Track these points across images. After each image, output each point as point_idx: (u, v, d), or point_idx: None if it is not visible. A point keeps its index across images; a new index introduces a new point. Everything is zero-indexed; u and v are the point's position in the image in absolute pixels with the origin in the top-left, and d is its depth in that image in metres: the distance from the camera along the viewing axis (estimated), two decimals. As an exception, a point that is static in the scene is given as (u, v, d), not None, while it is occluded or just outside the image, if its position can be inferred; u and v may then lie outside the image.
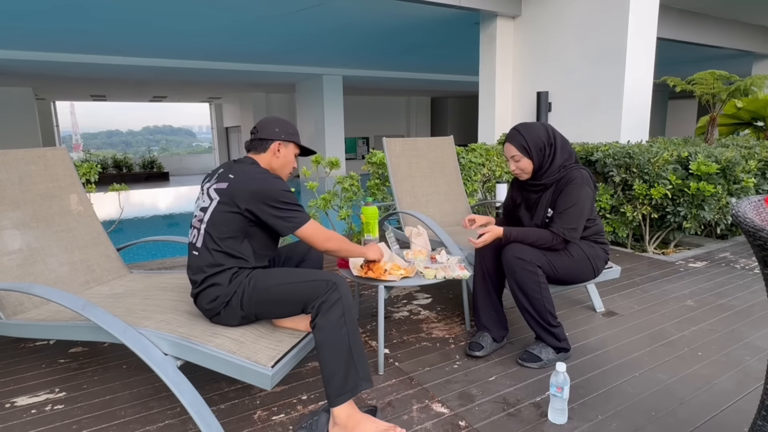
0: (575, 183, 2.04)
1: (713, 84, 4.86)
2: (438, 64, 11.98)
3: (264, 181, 1.66)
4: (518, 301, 2.05)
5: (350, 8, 6.84)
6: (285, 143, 1.82)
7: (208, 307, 1.67)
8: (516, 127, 2.14)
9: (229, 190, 1.65)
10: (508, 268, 2.03)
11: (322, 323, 1.54)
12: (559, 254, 2.07)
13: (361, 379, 1.56)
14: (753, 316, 2.59)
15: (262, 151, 1.80)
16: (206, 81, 13.70)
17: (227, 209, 1.65)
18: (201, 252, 1.68)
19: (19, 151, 2.27)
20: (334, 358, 1.53)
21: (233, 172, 1.69)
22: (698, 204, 3.49)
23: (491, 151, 4.69)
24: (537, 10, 5.86)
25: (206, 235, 1.67)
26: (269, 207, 1.63)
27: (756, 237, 1.02)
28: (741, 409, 1.74)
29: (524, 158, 2.10)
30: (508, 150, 2.14)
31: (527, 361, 2.07)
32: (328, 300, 1.56)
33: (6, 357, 2.24)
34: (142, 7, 6.44)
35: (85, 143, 49.41)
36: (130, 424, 1.70)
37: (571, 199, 2.03)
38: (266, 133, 1.79)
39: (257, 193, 1.63)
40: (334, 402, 1.53)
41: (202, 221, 1.69)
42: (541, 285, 2.00)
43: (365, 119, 19.35)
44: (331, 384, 1.53)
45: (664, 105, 19.99)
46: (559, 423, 1.67)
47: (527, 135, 2.09)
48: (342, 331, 1.55)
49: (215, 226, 1.66)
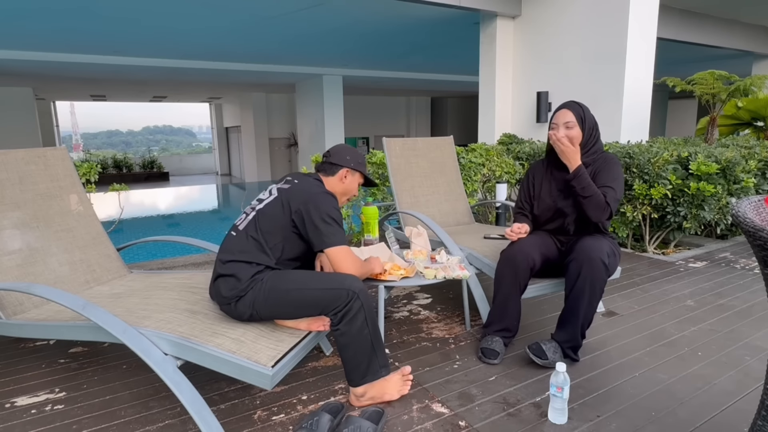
0: (615, 161, 2.15)
1: (713, 84, 4.86)
2: (438, 64, 11.97)
3: (320, 195, 1.76)
4: (579, 302, 1.97)
5: (350, 8, 6.84)
6: (353, 172, 1.95)
7: (225, 294, 1.69)
8: (571, 101, 2.20)
9: (288, 192, 1.78)
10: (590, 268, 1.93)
11: (346, 330, 1.66)
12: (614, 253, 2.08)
13: (380, 367, 1.75)
14: (753, 316, 2.59)
15: (331, 174, 1.92)
16: (206, 81, 13.70)
17: (279, 207, 1.75)
18: (239, 235, 1.76)
19: (19, 151, 2.27)
20: (357, 355, 1.69)
21: (298, 179, 1.85)
22: (698, 204, 3.49)
23: (491, 151, 4.69)
24: (537, 10, 5.85)
25: (252, 221, 1.76)
26: (314, 218, 1.70)
27: (756, 237, 1.02)
28: (741, 409, 1.74)
29: (577, 127, 2.12)
30: (563, 116, 2.13)
31: (534, 353, 2.02)
32: (351, 309, 1.65)
33: (6, 357, 2.24)
34: (142, 6, 6.44)
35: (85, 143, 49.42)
36: (130, 424, 1.70)
37: (613, 174, 2.11)
38: (338, 158, 1.92)
39: (310, 201, 1.73)
40: (357, 384, 1.73)
41: (255, 209, 1.80)
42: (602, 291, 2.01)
43: (365, 119, 19.34)
44: (356, 372, 1.71)
45: (664, 105, 19.99)
46: (559, 423, 1.67)
47: (585, 109, 2.17)
48: (364, 332, 1.68)
49: (264, 216, 1.76)
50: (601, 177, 2.12)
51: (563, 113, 2.14)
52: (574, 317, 1.99)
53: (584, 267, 1.95)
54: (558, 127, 2.14)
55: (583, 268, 1.95)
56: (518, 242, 2.17)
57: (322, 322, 1.71)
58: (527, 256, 2.11)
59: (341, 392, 1.89)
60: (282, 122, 18.28)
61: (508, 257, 2.14)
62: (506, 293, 2.13)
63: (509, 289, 2.12)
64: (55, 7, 6.33)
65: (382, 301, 2.04)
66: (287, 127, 18.38)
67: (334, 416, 1.63)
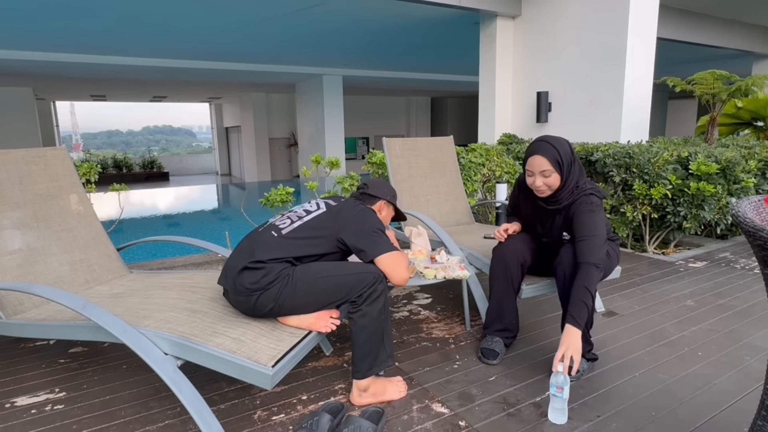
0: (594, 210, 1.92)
1: (713, 84, 4.86)
2: (438, 64, 11.96)
3: (368, 211, 1.87)
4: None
5: (350, 8, 6.84)
6: (388, 204, 2.06)
7: (248, 287, 1.68)
8: (543, 138, 1.98)
9: (337, 208, 1.86)
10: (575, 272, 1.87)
11: (367, 310, 1.72)
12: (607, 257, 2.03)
13: (387, 356, 1.80)
14: (753, 316, 2.59)
15: (370, 204, 2.00)
16: (206, 81, 13.70)
17: (326, 224, 1.81)
18: (282, 238, 1.77)
19: (19, 151, 2.27)
20: (370, 341, 1.74)
21: (345, 199, 1.94)
22: (698, 204, 3.49)
23: (491, 151, 4.69)
24: (537, 10, 5.85)
25: (299, 229, 1.79)
26: (365, 229, 1.78)
27: (756, 237, 1.02)
28: (741, 409, 1.74)
29: (555, 173, 1.92)
30: (538, 164, 1.93)
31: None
32: (376, 290, 1.73)
33: (6, 357, 2.24)
34: (142, 6, 6.44)
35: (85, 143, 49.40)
36: (130, 424, 1.70)
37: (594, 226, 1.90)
38: (376, 191, 2.03)
39: (360, 215, 1.82)
40: (363, 375, 1.76)
41: (302, 219, 1.84)
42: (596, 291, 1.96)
43: (365, 119, 19.34)
44: (365, 361, 1.75)
45: (664, 105, 19.98)
46: (559, 423, 1.67)
47: (560, 148, 1.92)
48: (381, 317, 1.75)
49: (310, 229, 1.80)
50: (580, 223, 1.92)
51: (538, 161, 1.93)
52: None
53: (568, 272, 1.93)
54: (534, 176, 1.97)
55: (567, 272, 1.93)
56: (508, 240, 2.18)
57: (325, 322, 1.72)
58: (517, 252, 2.12)
59: (341, 392, 1.89)
60: (282, 122, 18.28)
61: (498, 255, 2.16)
62: (499, 291, 2.14)
63: (502, 286, 2.13)
64: (55, 7, 6.33)
65: (382, 301, 2.04)
66: (287, 127, 18.38)
67: (334, 416, 1.63)
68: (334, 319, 1.74)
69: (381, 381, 1.83)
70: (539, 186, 1.97)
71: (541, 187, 1.97)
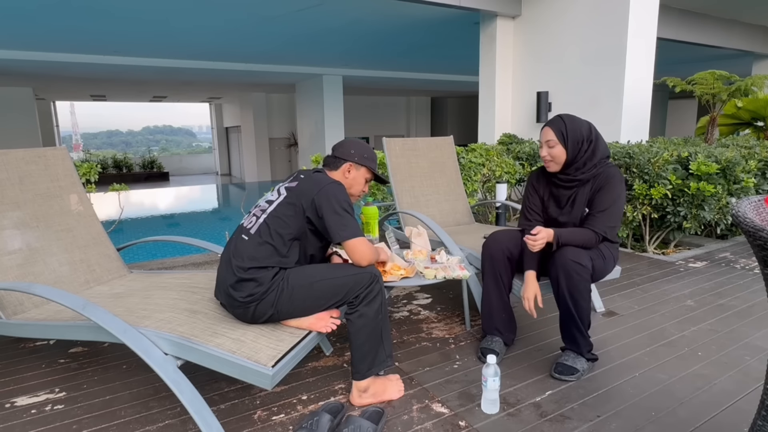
0: (615, 180, 2.02)
1: (713, 84, 4.86)
2: (438, 64, 11.96)
3: (328, 186, 1.73)
4: (565, 306, 1.96)
5: (350, 8, 6.84)
6: (357, 166, 1.90)
7: (242, 300, 1.66)
8: (561, 114, 2.10)
9: (297, 189, 1.76)
10: (564, 272, 1.92)
11: (364, 311, 1.71)
12: (599, 256, 2.03)
13: (387, 356, 1.79)
14: (753, 316, 2.59)
15: (334, 168, 1.89)
16: (206, 81, 13.69)
17: (291, 206, 1.73)
18: (252, 239, 1.72)
19: (19, 151, 2.27)
20: (368, 341, 1.73)
21: (305, 174, 1.83)
22: (698, 204, 3.49)
23: (491, 151, 4.69)
24: (537, 11, 5.85)
25: (264, 225, 1.73)
26: (326, 211, 1.69)
27: (756, 237, 1.02)
28: (741, 409, 1.74)
29: (559, 145, 2.04)
30: (545, 134, 2.07)
31: (564, 374, 1.96)
32: (372, 291, 1.72)
33: (6, 357, 2.24)
34: (142, 6, 6.44)
35: (85, 143, 49.36)
36: (130, 424, 1.70)
37: (611, 196, 2.00)
38: (341, 152, 1.89)
39: (320, 194, 1.71)
40: (363, 376, 1.75)
41: (265, 211, 1.77)
42: (589, 291, 1.96)
43: (365, 119, 19.33)
44: (363, 362, 1.74)
45: (664, 105, 19.98)
46: (490, 413, 1.73)
47: (569, 124, 2.04)
48: (378, 317, 1.74)
49: (276, 219, 1.73)
50: (598, 198, 2.03)
51: (545, 131, 2.08)
52: (570, 319, 1.97)
53: (560, 274, 1.94)
54: (542, 146, 2.09)
55: (559, 275, 1.95)
56: (494, 234, 2.19)
57: (325, 322, 1.72)
58: (501, 245, 2.14)
59: (341, 392, 1.89)
60: (282, 122, 18.28)
61: (484, 251, 2.20)
62: (486, 287, 2.18)
63: (489, 283, 2.17)
64: (55, 7, 6.33)
65: (382, 301, 2.04)
66: (287, 127, 18.38)
67: (334, 416, 1.63)
68: (334, 319, 1.74)
69: (381, 381, 1.83)
70: (544, 155, 2.09)
71: (546, 157, 2.08)
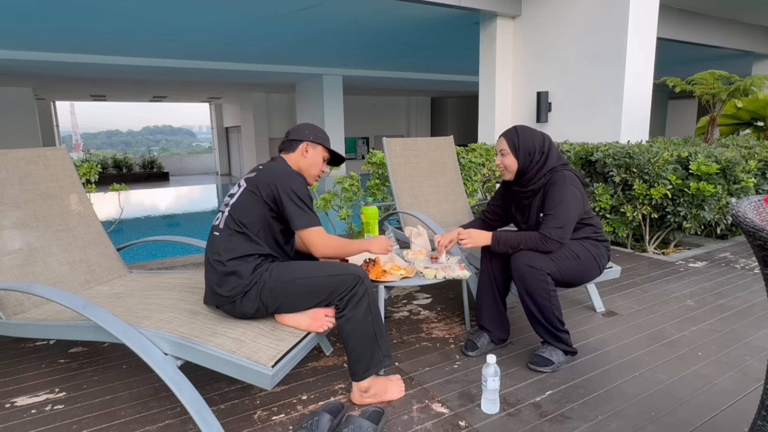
0: (558, 183, 2.05)
1: (713, 84, 4.86)
2: (438, 64, 11.96)
3: (287, 174, 1.78)
4: (527, 307, 2.02)
5: (350, 8, 6.83)
6: (313, 145, 1.94)
7: (227, 294, 1.69)
8: (517, 126, 2.20)
9: (255, 179, 1.78)
10: (517, 276, 2.00)
11: (351, 315, 1.70)
12: (567, 257, 2.04)
13: (384, 356, 1.78)
14: (753, 316, 2.59)
15: (291, 151, 1.92)
16: (206, 81, 13.69)
17: (251, 194, 1.76)
18: (222, 233, 1.76)
19: (19, 151, 2.27)
20: (361, 343, 1.72)
21: (263, 165, 1.86)
22: (698, 204, 3.49)
23: (491, 151, 4.69)
24: (537, 10, 5.85)
25: (229, 217, 1.76)
26: (287, 196, 1.72)
27: (756, 237, 1.02)
28: (741, 409, 1.74)
29: (510, 155, 2.13)
30: (499, 143, 2.19)
31: (539, 365, 2.02)
32: (356, 293, 1.70)
33: (6, 357, 2.24)
34: (141, 6, 6.44)
35: (85, 143, 49.41)
36: (130, 424, 1.70)
37: (554, 199, 2.03)
38: (296, 134, 1.94)
39: (276, 182, 1.73)
40: (361, 377, 1.74)
41: (228, 205, 1.80)
42: (550, 292, 1.97)
43: (365, 119, 19.32)
44: (359, 364, 1.73)
45: (664, 105, 19.97)
46: (490, 412, 1.73)
47: (522, 135, 2.14)
48: (368, 319, 1.72)
49: (239, 209, 1.76)
50: (546, 203, 2.06)
51: (499, 141, 2.19)
52: (534, 320, 2.04)
53: (515, 277, 2.02)
54: (497, 154, 2.21)
55: (515, 278, 2.02)
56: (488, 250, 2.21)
57: (321, 322, 1.72)
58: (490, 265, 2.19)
59: (341, 392, 1.89)
60: (282, 122, 18.27)
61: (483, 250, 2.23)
62: (481, 283, 2.22)
63: (483, 279, 2.21)
64: (55, 7, 6.33)
65: (382, 301, 2.04)
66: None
67: (334, 416, 1.63)
68: (330, 317, 1.74)
69: (382, 381, 1.83)
70: (498, 164, 2.21)
71: (500, 165, 2.20)
